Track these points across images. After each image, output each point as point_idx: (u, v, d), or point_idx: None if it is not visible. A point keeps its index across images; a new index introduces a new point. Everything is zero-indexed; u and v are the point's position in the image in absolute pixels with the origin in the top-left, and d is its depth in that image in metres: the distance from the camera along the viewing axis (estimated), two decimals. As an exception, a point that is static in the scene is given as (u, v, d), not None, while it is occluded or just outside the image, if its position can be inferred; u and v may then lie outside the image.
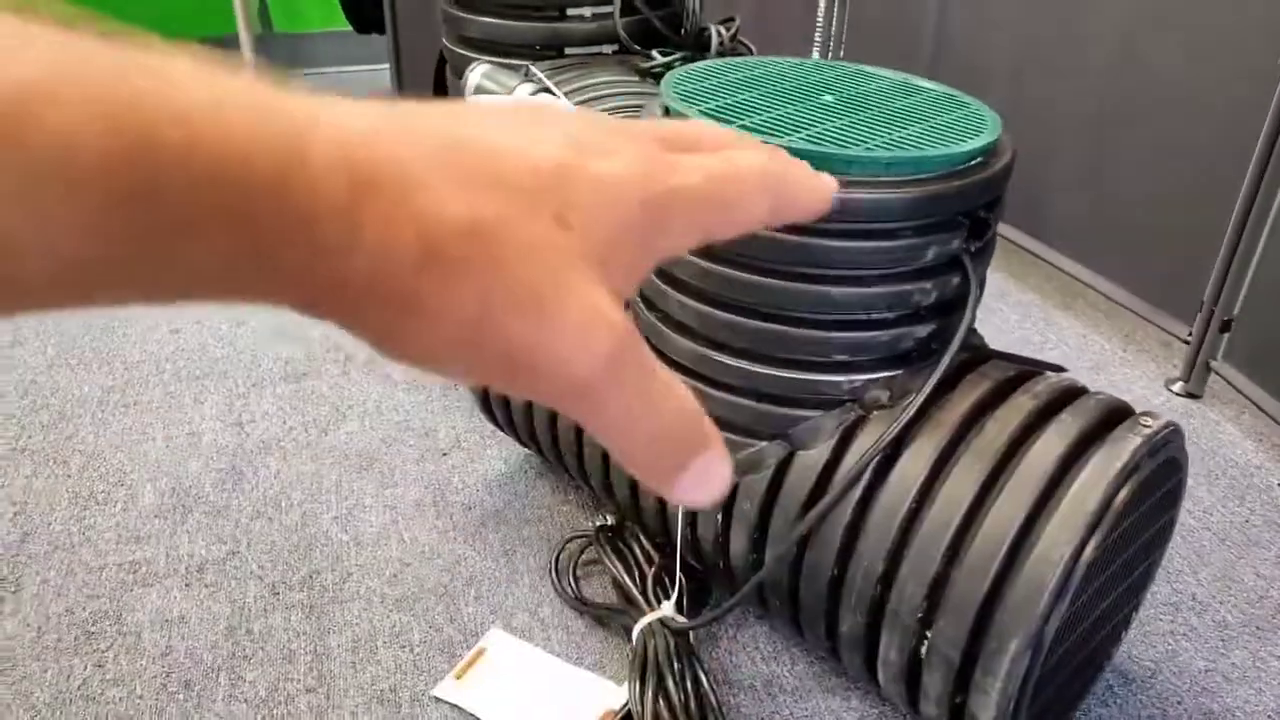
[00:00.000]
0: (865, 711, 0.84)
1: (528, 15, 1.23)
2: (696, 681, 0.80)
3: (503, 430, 1.06)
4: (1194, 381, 1.27)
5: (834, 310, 0.71)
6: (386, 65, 2.07)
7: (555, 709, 0.83)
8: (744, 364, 0.75)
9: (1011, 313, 1.48)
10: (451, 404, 1.23)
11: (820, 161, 0.67)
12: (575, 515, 1.05)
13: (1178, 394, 1.29)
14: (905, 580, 0.70)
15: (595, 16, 1.24)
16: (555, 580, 0.96)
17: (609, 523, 0.98)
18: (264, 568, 0.97)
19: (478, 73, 1.00)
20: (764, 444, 0.77)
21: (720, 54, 1.18)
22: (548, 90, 0.96)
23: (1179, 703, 0.86)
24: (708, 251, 0.72)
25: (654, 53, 1.20)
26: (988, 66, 1.56)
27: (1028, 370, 0.76)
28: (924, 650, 0.70)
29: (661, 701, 0.78)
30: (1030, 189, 1.53)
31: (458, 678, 0.86)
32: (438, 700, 0.84)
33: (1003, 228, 1.62)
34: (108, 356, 1.31)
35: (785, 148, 0.67)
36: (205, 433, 1.16)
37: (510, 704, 0.84)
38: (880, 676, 0.75)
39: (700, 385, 0.78)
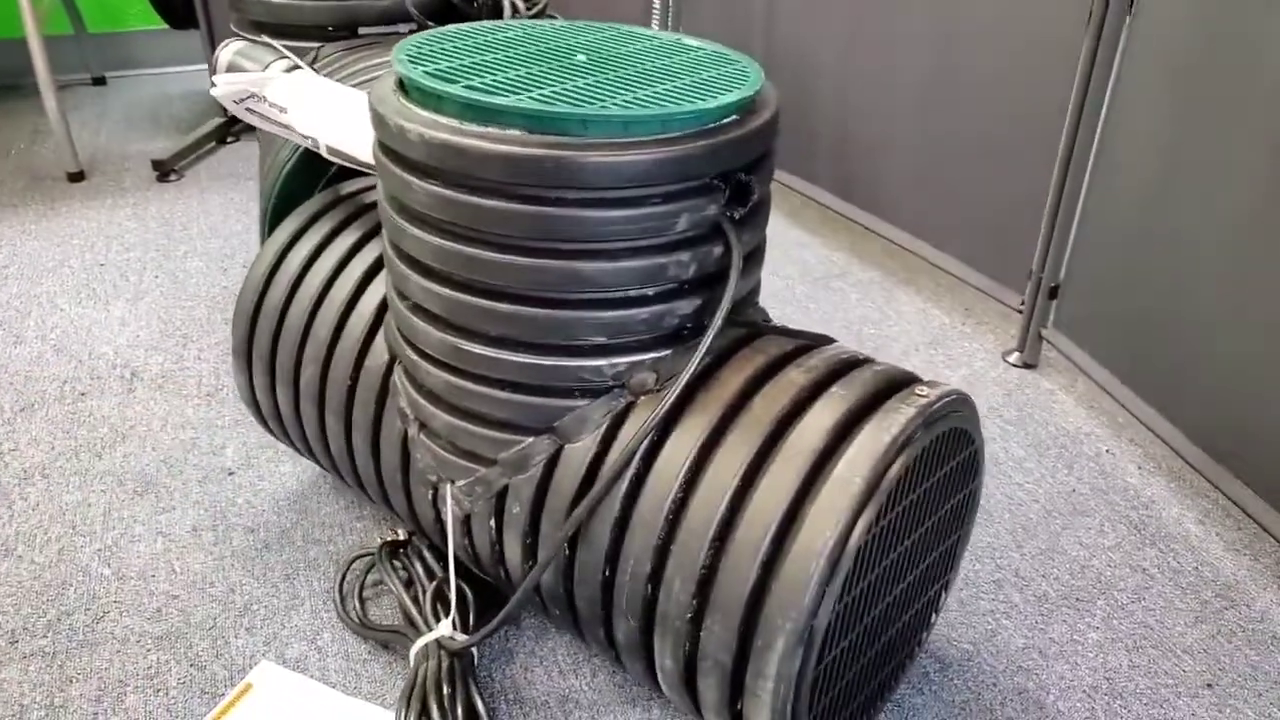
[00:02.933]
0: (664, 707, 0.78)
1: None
2: (469, 706, 0.72)
3: (284, 441, 0.97)
4: (1028, 352, 1.25)
5: (585, 288, 0.64)
6: (204, 65, 1.95)
7: (324, 748, 0.75)
8: (499, 353, 0.68)
9: (852, 290, 1.45)
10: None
11: (553, 122, 0.60)
12: (370, 532, 0.97)
13: (1014, 365, 1.27)
14: (672, 578, 0.64)
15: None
16: (338, 604, 0.87)
17: (398, 538, 0.89)
18: (4, 614, 0.86)
19: (230, 50, 0.90)
20: (530, 439, 0.70)
21: None
22: (298, 66, 0.88)
23: (994, 684, 0.82)
24: (444, 229, 0.65)
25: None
26: (818, 42, 1.53)
27: (804, 344, 0.71)
28: (698, 654, 0.64)
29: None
30: (869, 165, 1.51)
31: (222, 717, 0.77)
32: (189, 749, 0.75)
33: (844, 206, 1.59)
34: None
35: (513, 108, 0.60)
36: (-40, 465, 1.04)
37: (273, 747, 0.75)
38: (661, 685, 0.69)
39: (456, 379, 0.70)
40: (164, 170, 1.76)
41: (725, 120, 0.65)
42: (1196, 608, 0.91)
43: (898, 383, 0.67)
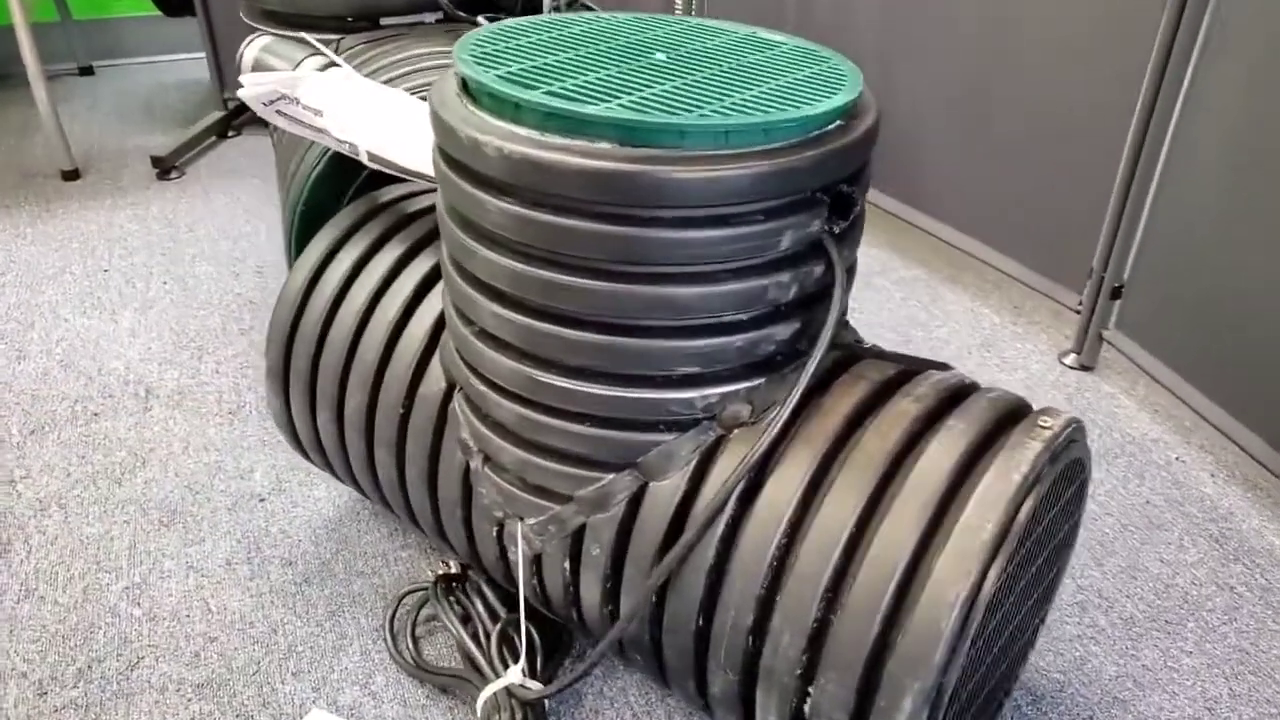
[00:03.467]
0: (752, 769, 0.73)
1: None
2: (549, 762, 0.67)
3: (324, 470, 0.91)
4: (1087, 353, 1.20)
5: (677, 315, 0.59)
6: (202, 54, 1.87)
7: (387, 808, 0.70)
8: (579, 384, 0.62)
9: (895, 290, 1.39)
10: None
11: (648, 134, 0.54)
12: (416, 563, 0.91)
13: (1070, 367, 1.22)
14: (780, 631, 0.58)
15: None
16: (390, 644, 0.82)
17: (450, 570, 0.84)
18: (30, 661, 0.80)
19: (256, 46, 0.84)
20: (610, 476, 0.64)
21: None
22: (335, 64, 0.81)
23: (1090, 717, 0.78)
24: (521, 250, 0.59)
25: (480, 19, 1.06)
26: (855, 25, 1.47)
27: (908, 369, 0.65)
28: (807, 711, 0.59)
29: (509, 791, 0.65)
30: (908, 156, 1.45)
31: (268, 779, 0.72)
32: (242, 812, 0.70)
33: (882, 198, 1.53)
34: None
35: (603, 118, 0.54)
36: (-30, 494, 0.98)
37: (332, 807, 0.70)
38: (758, 738, 0.64)
39: (529, 411, 0.64)
40: (164, 168, 1.69)
41: (830, 127, 0.59)
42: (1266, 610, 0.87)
43: (1016, 412, 0.62)
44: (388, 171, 0.79)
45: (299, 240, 0.97)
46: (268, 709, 0.77)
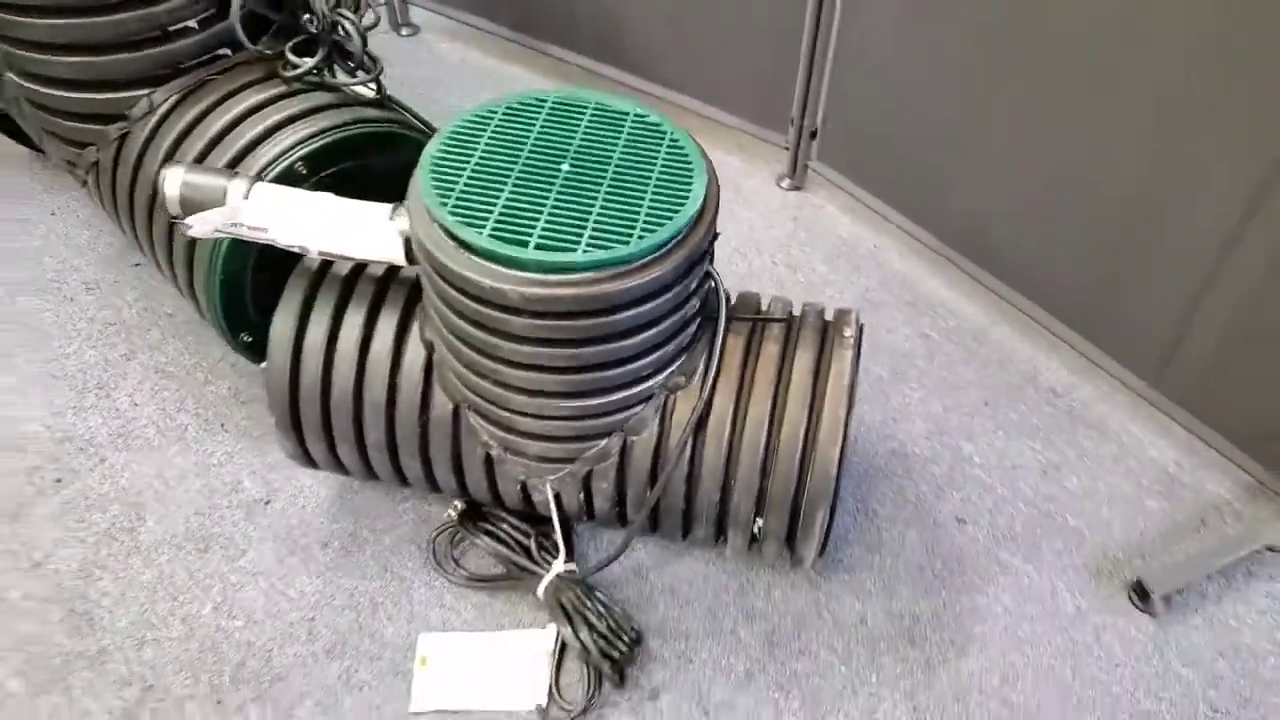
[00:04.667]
0: (709, 561, 1.17)
1: (128, 46, 1.13)
2: (608, 607, 1.07)
3: (315, 468, 1.16)
4: (797, 177, 1.63)
5: (632, 352, 0.92)
6: None
7: (511, 669, 1.07)
8: (584, 402, 0.95)
9: (641, 146, 1.72)
10: (231, 449, 1.27)
11: (595, 266, 0.84)
12: (420, 510, 1.21)
13: (786, 189, 1.65)
14: (737, 497, 0.99)
15: (202, 25, 1.17)
16: (442, 572, 1.15)
17: (461, 510, 1.16)
18: (190, 687, 1.06)
19: (174, 182, 0.97)
20: (605, 441, 0.99)
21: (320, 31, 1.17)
22: (253, 182, 0.97)
23: (869, 451, 1.28)
24: (534, 340, 0.88)
25: (288, 53, 1.18)
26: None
27: (762, 319, 1.03)
28: (758, 534, 1.02)
29: (590, 633, 1.04)
30: (641, 33, 1.71)
31: (420, 688, 1.06)
32: (419, 714, 1.04)
33: (611, 70, 1.80)
34: None
35: (573, 264, 0.82)
36: (9, 590, 1.13)
37: (476, 685, 1.06)
38: (727, 553, 1.07)
39: (546, 423, 0.96)
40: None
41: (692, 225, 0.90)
42: (964, 355, 1.41)
43: (827, 330, 1.02)
44: (332, 259, 1.00)
45: (224, 303, 1.14)
46: (387, 647, 1.09)
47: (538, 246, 0.84)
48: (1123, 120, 1.16)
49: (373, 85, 1.20)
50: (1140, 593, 1.13)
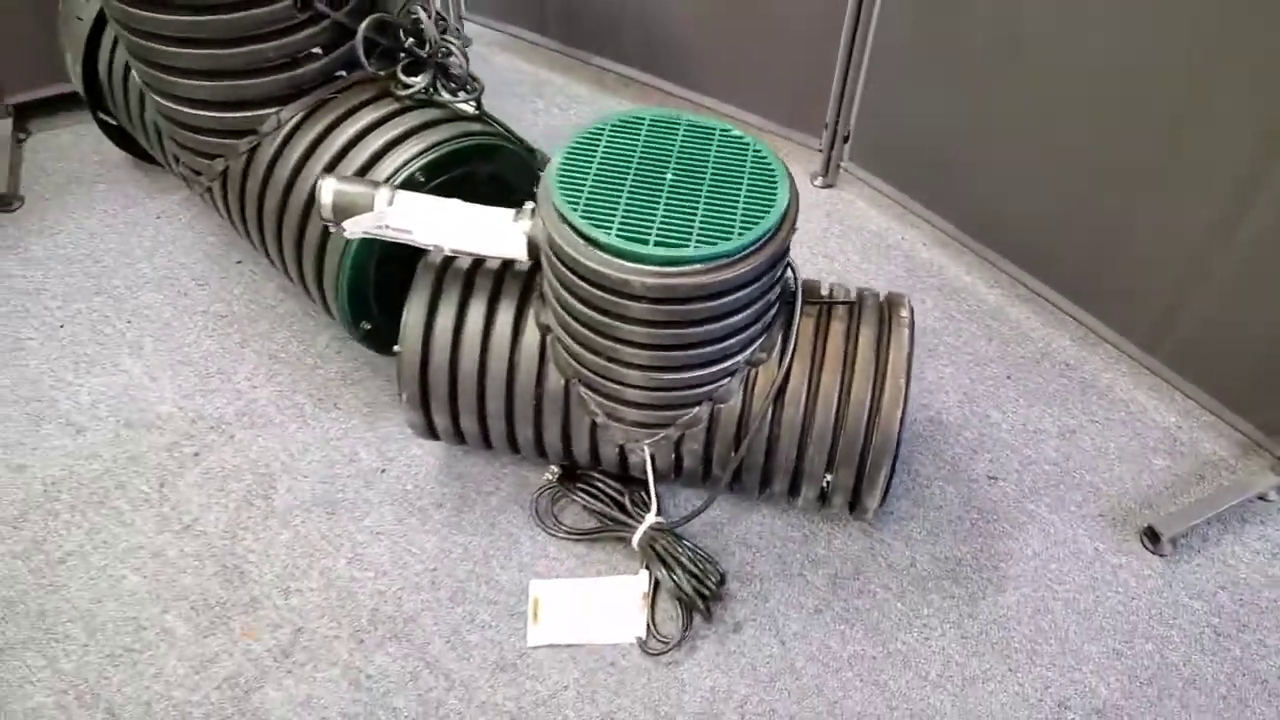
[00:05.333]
0: (775, 515, 1.34)
1: (263, 71, 1.28)
2: (694, 553, 1.24)
3: (434, 439, 1.32)
4: (830, 176, 1.80)
5: (725, 334, 1.08)
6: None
7: (611, 608, 1.23)
8: (690, 374, 1.11)
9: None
10: (344, 424, 1.43)
11: (699, 260, 1.01)
12: (518, 474, 1.38)
13: (819, 187, 1.82)
14: (812, 454, 1.16)
15: (325, 50, 1.32)
16: (544, 527, 1.31)
17: (558, 472, 1.33)
18: (334, 628, 1.22)
19: (329, 191, 1.12)
20: (697, 409, 1.16)
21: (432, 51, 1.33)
22: (396, 190, 1.14)
23: (912, 419, 1.46)
24: (655, 324, 1.05)
25: (400, 74, 1.34)
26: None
27: (830, 302, 1.20)
28: (828, 488, 1.19)
29: (683, 573, 1.21)
30: (685, 43, 1.87)
31: (536, 624, 1.22)
32: (535, 647, 1.21)
33: (651, 78, 1.96)
34: None
35: (685, 258, 0.99)
36: (167, 548, 1.28)
37: (581, 621, 1.22)
38: (799, 504, 1.25)
39: (652, 393, 1.13)
40: (4, 202, 1.73)
41: (778, 226, 1.07)
42: (986, 333, 1.58)
43: (888, 309, 1.19)
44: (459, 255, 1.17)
45: (350, 294, 1.30)
46: (503, 592, 1.26)
47: (656, 243, 1.00)
48: (1124, 114, 1.34)
49: (473, 102, 1.36)
50: (1151, 536, 1.31)
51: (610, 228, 1.02)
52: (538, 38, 2.08)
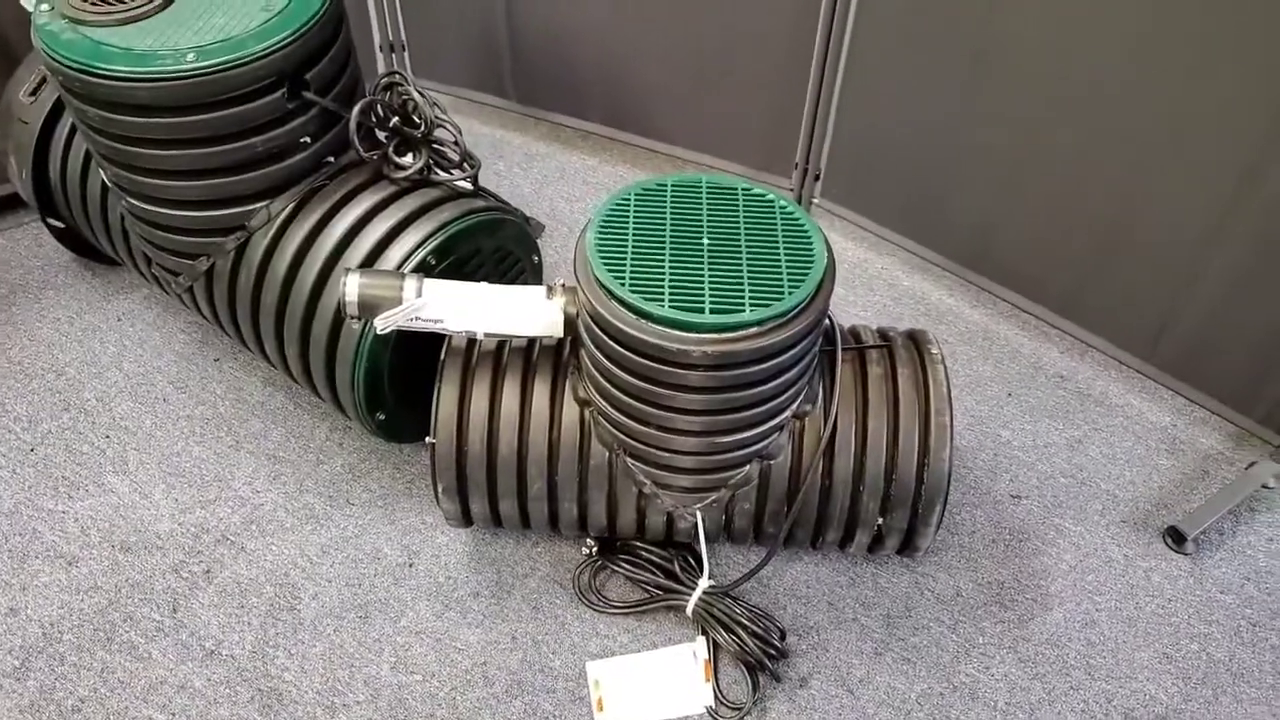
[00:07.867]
0: (816, 563, 1.34)
1: (252, 166, 1.23)
2: (753, 613, 1.22)
3: (468, 525, 1.27)
4: (803, 213, 1.82)
5: (775, 393, 1.08)
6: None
7: (674, 680, 1.21)
8: (734, 436, 1.10)
9: (654, 198, 1.89)
10: (360, 519, 1.37)
11: (745, 326, 1.00)
12: (553, 551, 1.34)
13: (794, 223, 1.84)
14: (866, 500, 1.16)
15: (314, 138, 1.27)
16: (590, 604, 1.28)
17: (595, 546, 1.29)
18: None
19: (354, 286, 1.08)
20: (748, 468, 1.15)
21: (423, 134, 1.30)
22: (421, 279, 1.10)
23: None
24: (707, 390, 1.03)
25: (392, 155, 1.30)
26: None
27: (865, 347, 1.20)
28: (882, 531, 1.19)
29: (746, 635, 1.19)
30: (644, 97, 1.87)
31: (600, 710, 1.19)
32: (605, 732, 1.17)
33: (612, 131, 1.95)
34: None
35: (736, 324, 0.98)
36: (192, 679, 1.20)
37: (647, 699, 1.19)
38: (851, 550, 1.24)
39: (703, 459, 1.11)
40: (-58, 316, 1.60)
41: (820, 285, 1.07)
42: (979, 354, 1.62)
43: (916, 345, 1.21)
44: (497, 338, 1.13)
45: (368, 385, 1.24)
46: (560, 678, 1.21)
47: (712, 310, 0.99)
48: (1108, 128, 1.39)
49: (470, 179, 1.33)
50: (1175, 537, 1.36)
51: (661, 299, 1.00)
52: (490, 98, 2.05)
